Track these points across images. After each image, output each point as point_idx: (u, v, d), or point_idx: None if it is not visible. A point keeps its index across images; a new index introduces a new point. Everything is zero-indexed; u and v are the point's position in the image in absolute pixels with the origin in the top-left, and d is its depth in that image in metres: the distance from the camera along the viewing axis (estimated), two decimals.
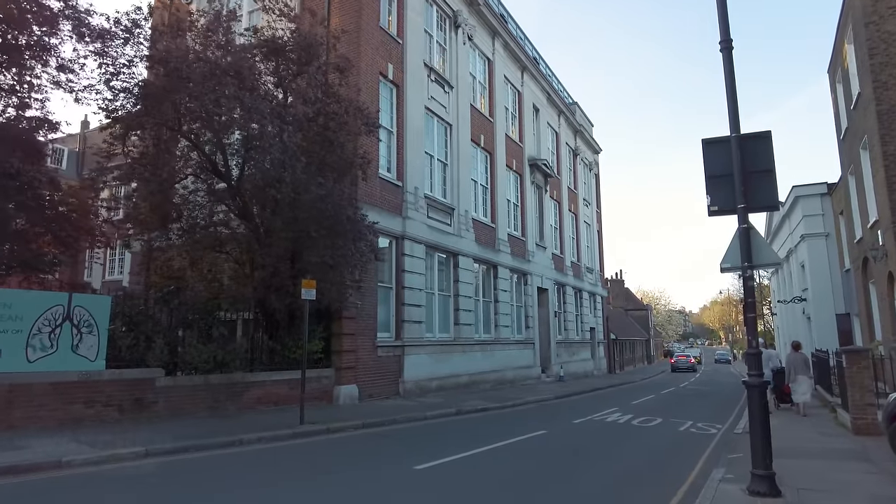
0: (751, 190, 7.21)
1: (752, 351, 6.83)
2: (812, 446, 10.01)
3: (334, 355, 15.15)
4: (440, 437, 11.22)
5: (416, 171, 19.14)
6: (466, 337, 21.42)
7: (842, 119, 18.79)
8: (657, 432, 12.34)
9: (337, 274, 13.08)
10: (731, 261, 7.32)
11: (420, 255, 18.79)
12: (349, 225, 12.91)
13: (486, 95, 25.90)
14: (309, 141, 14.14)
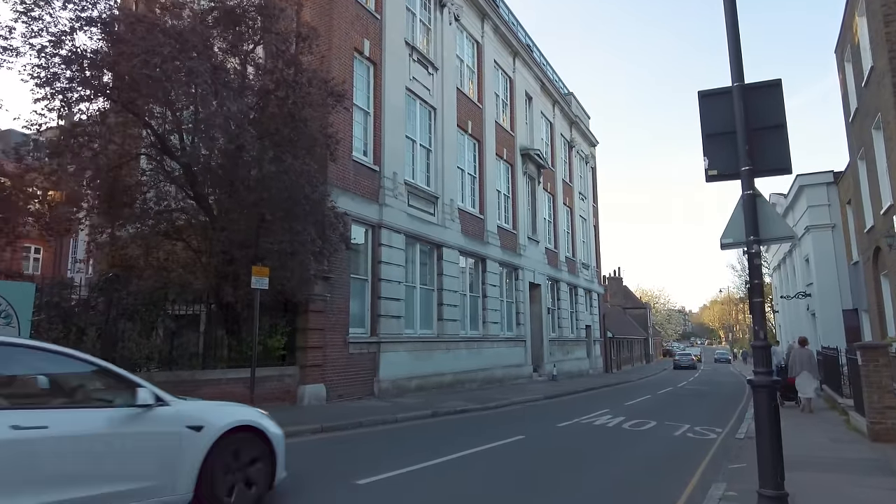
0: (757, 149, 5.95)
1: (760, 343, 5.58)
2: (825, 455, 8.76)
3: (299, 352, 13.90)
4: (404, 443, 9.99)
5: (396, 156, 17.89)
6: (451, 333, 20.17)
7: (851, 100, 17.54)
8: (650, 438, 11.09)
9: (297, 262, 11.84)
10: (734, 235, 6.06)
11: (399, 246, 17.54)
12: (309, 206, 11.65)
13: (474, 80, 24.65)
14: (268, 116, 12.93)
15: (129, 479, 4.66)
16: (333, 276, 14.55)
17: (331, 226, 12.46)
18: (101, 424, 4.63)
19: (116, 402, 4.86)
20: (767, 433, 5.36)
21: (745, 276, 52.85)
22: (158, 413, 4.92)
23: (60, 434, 4.29)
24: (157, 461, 4.86)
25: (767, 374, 5.47)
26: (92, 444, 4.52)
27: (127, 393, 4.84)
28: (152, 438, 4.87)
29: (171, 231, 13.72)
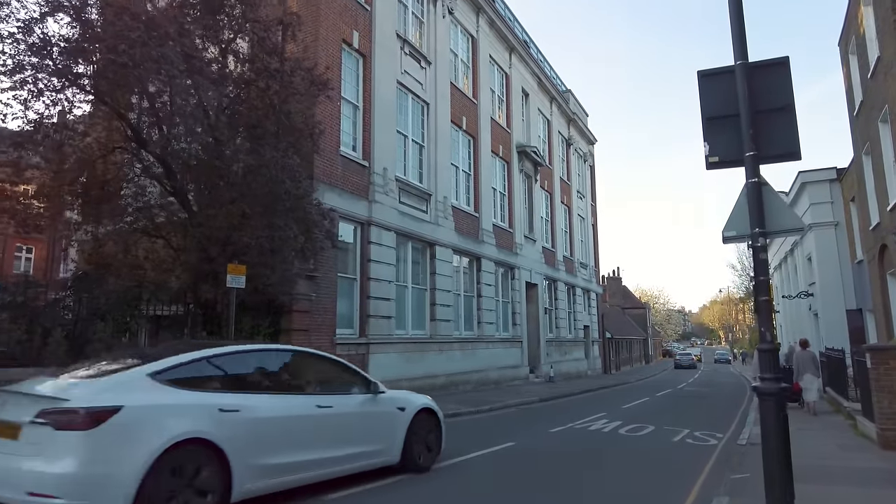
0: (763, 133, 5.43)
1: (766, 346, 5.04)
2: (833, 465, 8.22)
3: None
4: None
5: (386, 151, 17.34)
6: (444, 334, 19.63)
7: (855, 93, 17.00)
8: (647, 444, 10.55)
9: (278, 260, 11.28)
10: (737, 227, 5.54)
11: (389, 244, 17.00)
12: (290, 202, 11.10)
13: (469, 76, 24.11)
14: (250, 108, 12.41)
15: (370, 443, 6.81)
16: (319, 275, 14.00)
17: (315, 222, 11.91)
18: (355, 405, 6.84)
19: (355, 390, 6.99)
20: (775, 448, 4.83)
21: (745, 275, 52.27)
22: (381, 398, 7.13)
23: (338, 412, 6.50)
24: (383, 432, 7.03)
25: (775, 381, 4.94)
26: (352, 419, 6.71)
27: (362, 383, 7.09)
28: (380, 416, 7.05)
29: (151, 228, 13.20)
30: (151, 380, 5.10)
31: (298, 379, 6.76)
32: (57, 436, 4.48)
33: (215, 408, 5.29)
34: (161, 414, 4.96)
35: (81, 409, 4.55)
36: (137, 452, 4.61)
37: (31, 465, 4.45)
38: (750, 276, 51.03)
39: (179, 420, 5.00)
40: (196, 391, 5.33)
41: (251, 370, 6.21)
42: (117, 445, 4.58)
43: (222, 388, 5.62)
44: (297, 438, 5.96)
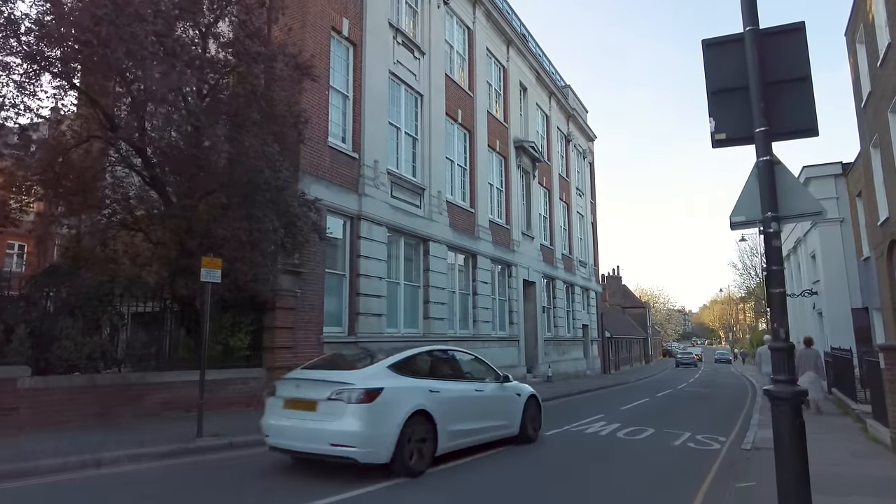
0: (775, 107, 4.85)
1: (780, 344, 4.46)
2: (847, 472, 7.64)
3: (266, 352, 12.81)
4: None
5: (378, 143, 16.77)
6: (438, 333, 19.04)
7: (863, 84, 16.43)
8: (646, 449, 9.98)
9: (257, 253, 10.71)
10: (746, 211, 4.95)
11: (380, 239, 16.43)
12: (270, 193, 10.53)
13: (465, 68, 23.53)
14: (231, 94, 11.85)
15: (502, 418, 9.10)
16: (305, 271, 13.44)
17: (298, 215, 11.34)
18: (493, 390, 9.12)
19: (490, 380, 9.31)
20: (791, 459, 4.26)
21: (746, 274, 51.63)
22: (506, 386, 9.48)
23: (486, 395, 8.85)
24: (509, 411, 9.33)
25: (790, 383, 4.37)
26: (493, 400, 9.03)
27: (494, 375, 9.45)
28: (508, 400, 9.38)
29: (130, 221, 12.66)
30: (389, 370, 7.49)
31: (462, 370, 9.17)
32: (348, 407, 6.76)
33: (427, 389, 7.70)
34: (403, 393, 7.30)
35: (363, 389, 6.84)
36: (394, 417, 6.96)
37: (330, 426, 6.74)
38: (751, 274, 50.44)
39: (412, 397, 7.38)
40: (415, 378, 7.74)
41: (438, 363, 8.63)
42: (383, 413, 6.89)
43: (426, 376, 8.02)
44: (468, 412, 8.36)
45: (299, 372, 7.88)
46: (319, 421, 6.85)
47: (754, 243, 46.35)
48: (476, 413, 8.51)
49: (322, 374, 7.48)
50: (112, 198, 12.53)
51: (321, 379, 7.28)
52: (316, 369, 7.86)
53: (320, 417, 6.86)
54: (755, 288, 49.65)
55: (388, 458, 6.86)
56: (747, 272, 50.84)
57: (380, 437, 6.80)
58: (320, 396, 6.94)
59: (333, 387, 6.94)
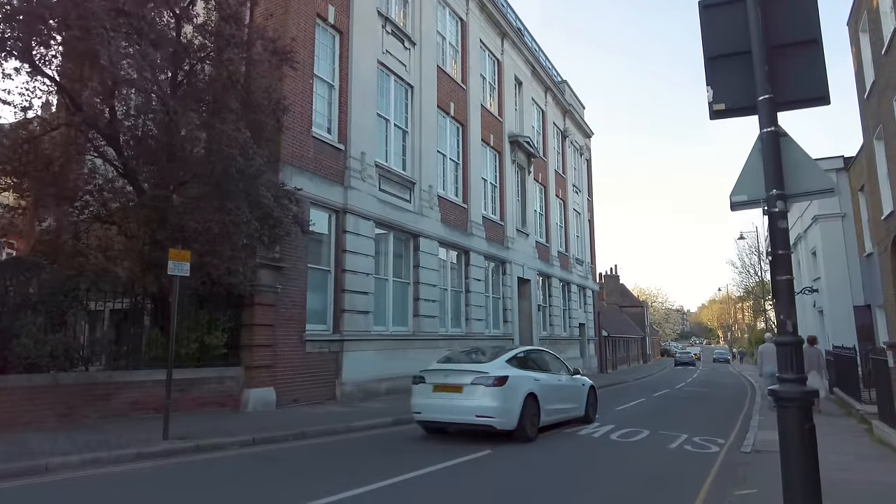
0: (781, 73, 4.33)
1: (787, 338, 3.93)
2: (854, 479, 7.10)
3: (244, 351, 12.25)
4: (345, 460, 8.34)
5: (365, 135, 16.22)
6: (429, 331, 18.52)
7: (866, 74, 15.90)
8: (641, 452, 9.44)
9: (227, 246, 10.14)
10: (748, 190, 4.41)
11: (368, 234, 15.88)
12: (242, 182, 9.97)
13: (458, 60, 22.98)
14: (207, 79, 11.31)
15: (574, 402, 11.56)
16: (286, 266, 12.90)
17: (273, 205, 10.77)
18: (567, 380, 11.45)
19: (563, 372, 11.60)
20: (799, 468, 3.74)
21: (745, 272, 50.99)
22: (575, 378, 11.88)
23: (564, 383, 11.24)
24: (578, 397, 11.78)
25: (799, 383, 3.84)
26: (569, 388, 11.44)
27: (566, 369, 11.87)
28: (577, 388, 11.84)
29: (104, 214, 12.11)
30: (507, 364, 9.90)
31: (548, 364, 11.53)
32: (487, 389, 9.21)
33: (533, 378, 10.14)
34: (520, 380, 9.70)
35: (496, 376, 9.25)
36: (517, 397, 9.37)
37: (474, 404, 9.24)
38: (749, 272, 49.90)
39: (526, 383, 9.80)
40: (523, 369, 10.14)
41: (534, 359, 11.14)
42: (510, 393, 9.27)
43: (528, 368, 10.41)
44: (556, 396, 10.78)
45: (439, 366, 10.33)
46: (465, 400, 9.41)
47: (753, 241, 45.77)
48: (560, 397, 11.08)
49: (462, 366, 10.01)
50: (84, 189, 11.98)
51: (464, 369, 9.82)
52: (451, 363, 10.51)
53: (465, 397, 9.43)
54: (754, 287, 49.08)
55: (514, 426, 9.42)
56: (746, 271, 50.32)
57: (509, 410, 9.36)
58: (465, 382, 9.50)
59: (474, 375, 9.51)
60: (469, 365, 10.04)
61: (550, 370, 11.29)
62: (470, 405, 9.34)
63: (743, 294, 61.49)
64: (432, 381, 9.83)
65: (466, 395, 9.39)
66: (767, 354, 18.96)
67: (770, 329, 46.66)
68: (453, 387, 9.56)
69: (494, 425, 9.29)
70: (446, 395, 9.58)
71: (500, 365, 9.80)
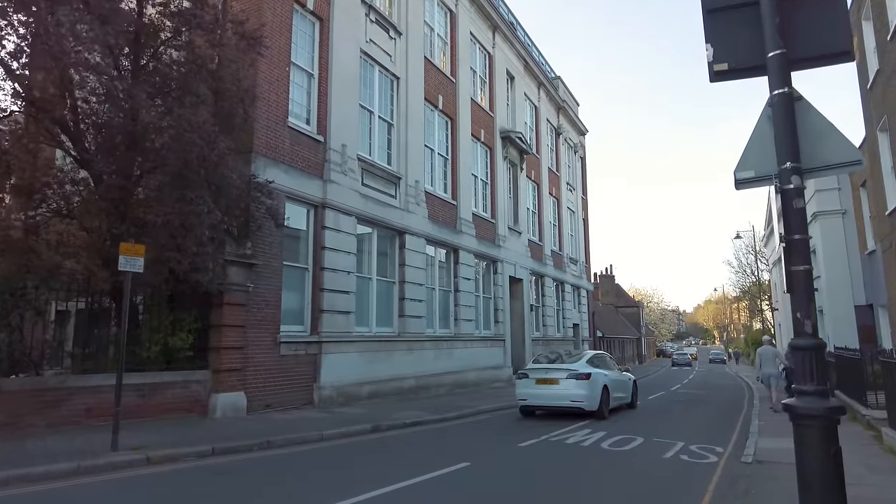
0: (794, 25, 3.64)
1: (807, 342, 3.23)
2: (869, 495, 6.40)
3: (212, 353, 11.50)
4: (309, 472, 7.61)
5: (347, 127, 15.48)
6: (415, 332, 17.80)
7: (869, 63, 15.24)
8: (633, 462, 8.74)
9: (191, 240, 9.40)
10: (756, 165, 3.71)
11: (349, 230, 15.14)
12: (205, 171, 9.23)
13: (447, 52, 22.26)
14: (169, 62, 10.57)
15: (624, 392, 15.30)
16: (259, 263, 12.14)
17: (234, 192, 10.02)
18: (618, 375, 15.08)
19: (615, 368, 15.31)
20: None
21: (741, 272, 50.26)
22: (623, 374, 15.91)
23: (618, 378, 15.01)
24: (626, 388, 15.54)
25: (820, 396, 3.13)
26: (621, 381, 15.17)
27: (617, 367, 15.86)
28: (626, 381, 15.61)
29: (64, 207, 11.33)
30: (587, 363, 13.53)
31: (607, 364, 14.86)
32: (578, 382, 12.90)
33: (603, 373, 13.63)
34: (597, 375, 13.29)
35: (584, 372, 13.04)
36: (597, 388, 13.06)
37: (569, 392, 12.90)
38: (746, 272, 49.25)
39: (600, 377, 13.41)
40: (597, 368, 13.61)
41: (601, 360, 14.59)
42: (593, 385, 12.97)
43: (598, 367, 13.75)
44: (615, 387, 14.24)
45: (538, 365, 14.26)
46: (561, 390, 13.17)
47: (749, 241, 45.08)
48: (619, 388, 14.84)
49: (557, 366, 13.79)
50: (42, 181, 11.20)
51: (559, 368, 13.63)
52: (548, 362, 14.29)
53: (562, 388, 13.18)
54: (751, 286, 48.45)
55: (596, 408, 13.19)
56: (742, 270, 49.64)
57: (594, 397, 13.15)
58: (561, 377, 13.29)
59: (567, 372, 13.30)
60: (562, 364, 13.86)
61: (610, 368, 14.96)
62: (565, 393, 13.13)
63: (739, 294, 60.88)
64: (535, 377, 13.71)
65: (562, 387, 13.20)
66: (766, 357, 18.35)
67: (766, 330, 46.06)
68: (552, 380, 13.43)
69: (584, 407, 13.06)
70: (546, 387, 13.47)
71: (583, 364, 13.74)
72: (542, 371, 13.74)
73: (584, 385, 13.08)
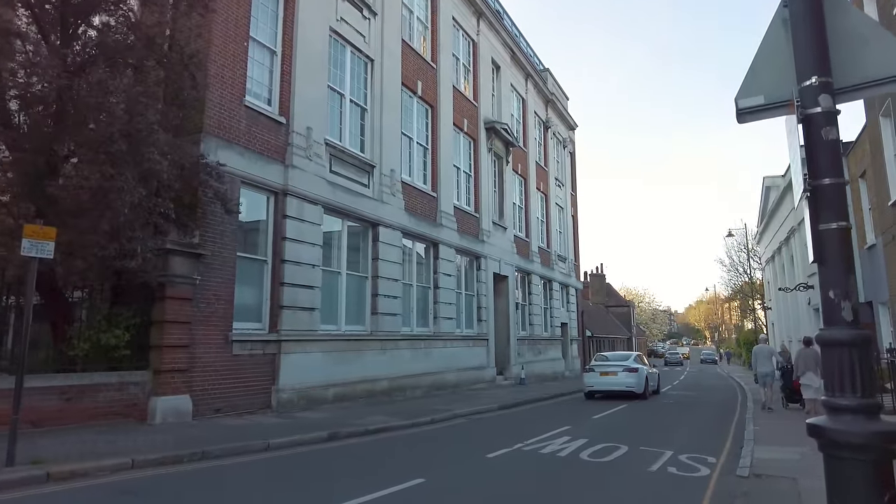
0: None
1: (844, 334, 2.18)
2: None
3: (153, 352, 10.38)
4: (227, 491, 6.52)
5: (313, 109, 14.38)
6: (389, 330, 16.72)
7: None
8: (615, 476, 7.70)
9: (106, 220, 8.23)
10: (766, 86, 2.65)
11: (314, 220, 14.04)
12: (126, 143, 8.08)
13: (427, 37, 21.20)
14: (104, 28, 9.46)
15: (654, 381, 21.30)
16: (207, 253, 11.03)
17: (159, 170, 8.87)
18: (647, 370, 20.56)
19: (645, 364, 20.83)
20: None
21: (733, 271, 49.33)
22: (653, 369, 22.69)
23: (648, 372, 20.50)
24: (653, 380, 21.36)
25: (868, 415, 2.09)
26: (651, 374, 21.09)
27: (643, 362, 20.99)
28: (655, 374, 22.25)
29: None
30: (634, 361, 20.05)
31: (643, 361, 20.75)
32: (629, 374, 19.03)
33: (644, 368, 19.95)
34: (641, 369, 19.55)
35: (633, 367, 19.40)
36: (642, 378, 19.28)
37: (624, 381, 18.90)
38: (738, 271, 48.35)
39: (643, 371, 19.67)
40: (641, 365, 20.03)
41: (639, 358, 20.69)
42: (639, 376, 19.18)
43: (641, 364, 19.95)
44: (650, 378, 20.13)
45: (598, 363, 20.03)
46: (618, 379, 18.68)
47: (742, 239, 44.26)
48: (651, 379, 20.32)
49: (613, 363, 19.63)
50: None
51: (615, 364, 19.49)
52: (605, 361, 20.16)
53: (618, 378, 18.70)
54: (743, 285, 47.61)
55: (641, 391, 18.67)
56: (735, 269, 48.76)
57: (640, 384, 18.77)
58: (618, 370, 18.91)
59: (622, 367, 19.06)
60: (617, 362, 19.94)
61: (646, 365, 20.64)
62: (621, 381, 18.77)
63: (731, 294, 60.11)
64: (599, 370, 19.32)
65: (619, 377, 18.85)
66: (761, 355, 17.47)
67: (759, 329, 45.30)
68: (611, 372, 19.04)
69: (634, 390, 18.71)
70: (607, 378, 18.99)
71: (632, 362, 19.66)
72: (603, 367, 19.46)
73: (634, 376, 18.90)
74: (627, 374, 18.85)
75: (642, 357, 21.63)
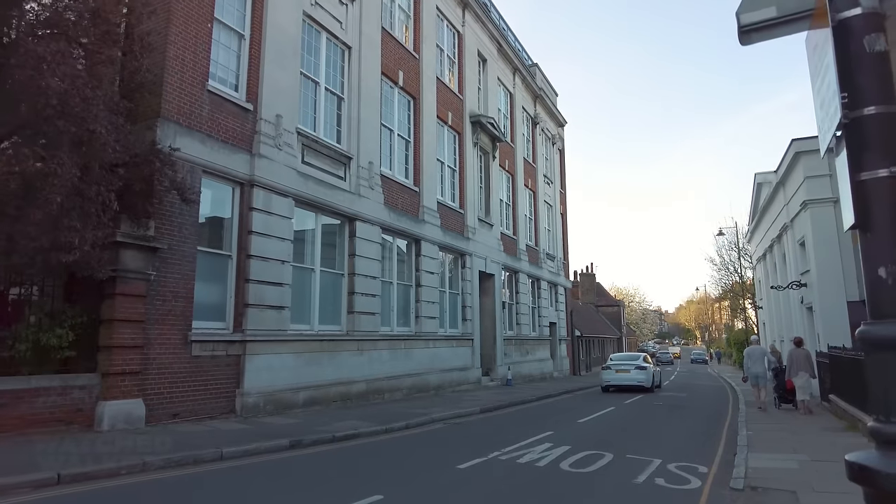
0: None
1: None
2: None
3: (102, 353, 9.58)
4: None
5: (284, 96, 13.60)
6: (367, 330, 15.95)
7: None
8: (595, 491, 7.00)
9: (37, 206, 7.45)
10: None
11: (283, 213, 13.26)
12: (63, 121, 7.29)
13: (410, 26, 20.46)
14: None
15: (657, 378, 25.65)
16: (163, 247, 10.23)
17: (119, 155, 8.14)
18: (652, 369, 24.53)
19: (651, 362, 25.66)
20: None
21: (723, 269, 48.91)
22: (654, 367, 25.60)
23: (654, 370, 25.25)
24: (657, 377, 25.76)
25: None
26: (656, 372, 25.75)
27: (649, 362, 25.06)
28: (659, 372, 26.99)
29: None
30: (644, 359, 24.64)
31: (650, 361, 25.50)
32: (639, 371, 23.29)
33: (651, 367, 24.73)
34: (650, 368, 24.07)
35: (643, 366, 23.85)
36: (650, 374, 23.66)
37: (636, 377, 23.08)
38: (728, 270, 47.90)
39: (651, 369, 24.27)
40: (648, 364, 24.40)
41: (647, 357, 25.65)
42: (648, 373, 23.46)
43: (649, 363, 24.63)
44: (656, 375, 25.10)
45: (614, 362, 24.31)
46: (630, 375, 23.00)
47: (732, 238, 43.76)
48: (656, 375, 24.80)
49: (626, 362, 24.01)
50: None
51: (628, 362, 24.01)
52: (621, 360, 24.55)
53: (631, 375, 23.03)
54: (734, 284, 47.13)
55: (650, 386, 23.29)
56: (725, 268, 48.32)
57: (648, 380, 23.19)
58: (630, 368, 23.34)
59: (633, 365, 23.54)
60: (630, 360, 24.01)
61: (651, 364, 24.63)
62: (634, 377, 22.78)
63: (721, 293, 59.71)
64: (614, 368, 23.40)
65: (632, 374, 22.84)
66: (754, 356, 16.92)
67: (750, 329, 44.86)
68: (625, 370, 23.11)
69: (644, 385, 22.57)
70: (621, 374, 23.02)
71: (641, 360, 24.02)
72: (619, 366, 23.57)
73: (643, 373, 22.94)
74: (638, 371, 22.96)
75: (648, 357, 25.51)
